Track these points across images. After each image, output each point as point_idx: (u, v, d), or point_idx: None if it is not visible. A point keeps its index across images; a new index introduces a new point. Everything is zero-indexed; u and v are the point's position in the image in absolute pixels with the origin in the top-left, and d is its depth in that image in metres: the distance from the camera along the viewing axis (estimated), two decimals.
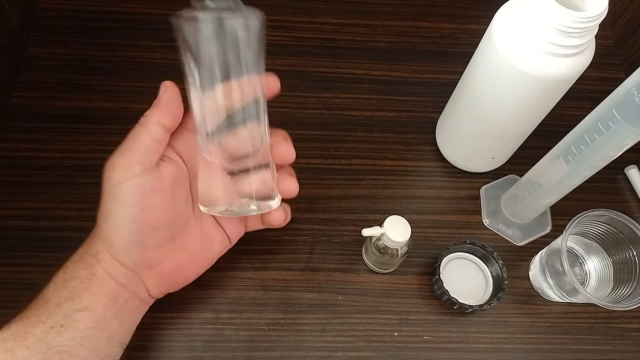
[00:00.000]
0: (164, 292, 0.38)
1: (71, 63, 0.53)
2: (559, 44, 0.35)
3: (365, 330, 0.44)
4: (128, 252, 0.34)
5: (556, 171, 0.40)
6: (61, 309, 0.32)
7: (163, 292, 0.38)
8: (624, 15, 0.59)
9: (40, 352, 0.31)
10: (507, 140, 0.46)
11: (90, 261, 0.34)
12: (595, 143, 0.35)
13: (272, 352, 0.43)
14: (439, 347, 0.44)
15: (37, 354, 0.31)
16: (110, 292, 0.34)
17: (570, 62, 0.36)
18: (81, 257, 0.34)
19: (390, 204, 0.50)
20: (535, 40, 0.35)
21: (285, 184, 0.38)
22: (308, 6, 0.59)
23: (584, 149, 0.36)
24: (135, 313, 0.37)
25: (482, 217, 0.50)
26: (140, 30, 0.56)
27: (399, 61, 0.57)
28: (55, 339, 0.32)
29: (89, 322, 0.33)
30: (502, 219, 0.50)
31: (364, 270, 0.47)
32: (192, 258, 0.38)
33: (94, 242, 0.35)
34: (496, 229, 0.49)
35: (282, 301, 0.45)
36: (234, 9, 0.32)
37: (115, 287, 0.34)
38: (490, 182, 0.51)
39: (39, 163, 0.48)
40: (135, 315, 0.37)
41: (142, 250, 0.35)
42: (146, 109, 0.35)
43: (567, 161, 0.38)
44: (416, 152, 0.52)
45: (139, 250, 0.35)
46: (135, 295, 0.36)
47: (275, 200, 0.38)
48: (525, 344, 0.45)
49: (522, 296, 0.47)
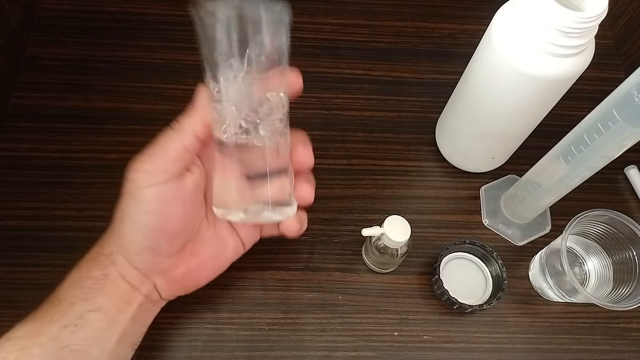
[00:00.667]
0: (175, 295, 0.39)
1: (71, 63, 0.53)
2: (559, 44, 0.35)
3: (365, 330, 0.44)
4: (141, 256, 0.34)
5: (556, 171, 0.40)
6: (74, 309, 0.33)
7: (174, 295, 0.38)
8: (624, 15, 0.59)
9: (54, 351, 0.31)
10: (506, 140, 0.46)
11: (104, 262, 0.34)
12: (595, 143, 0.35)
13: (272, 352, 0.43)
14: (439, 347, 0.44)
15: (50, 352, 0.31)
16: (123, 294, 0.34)
17: (569, 62, 0.36)
18: (95, 257, 0.34)
19: (390, 204, 0.50)
20: (534, 41, 0.36)
21: (302, 191, 0.36)
22: (308, 6, 0.59)
23: (583, 149, 0.36)
24: (146, 314, 0.37)
25: (482, 217, 0.50)
26: (140, 30, 0.56)
27: (398, 61, 0.57)
28: (68, 338, 0.32)
29: (102, 323, 0.33)
30: (501, 219, 0.50)
31: (364, 270, 0.47)
32: (204, 263, 0.38)
33: (108, 242, 0.35)
34: (496, 229, 0.49)
35: (282, 301, 0.45)
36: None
37: (127, 289, 0.34)
38: (490, 182, 0.51)
39: (39, 163, 0.48)
40: (146, 316, 0.37)
41: (155, 256, 0.35)
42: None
43: (566, 161, 0.38)
44: (416, 152, 0.52)
45: (152, 255, 0.35)
46: (147, 298, 0.36)
47: (292, 207, 0.36)
48: (525, 344, 0.45)
49: (522, 296, 0.47)
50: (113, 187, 0.48)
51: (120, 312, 0.34)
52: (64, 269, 0.44)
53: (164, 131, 0.33)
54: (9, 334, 0.32)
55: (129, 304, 0.34)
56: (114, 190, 0.48)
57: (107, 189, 0.48)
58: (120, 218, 0.34)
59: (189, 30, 0.57)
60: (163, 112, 0.52)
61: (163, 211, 0.33)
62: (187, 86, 0.53)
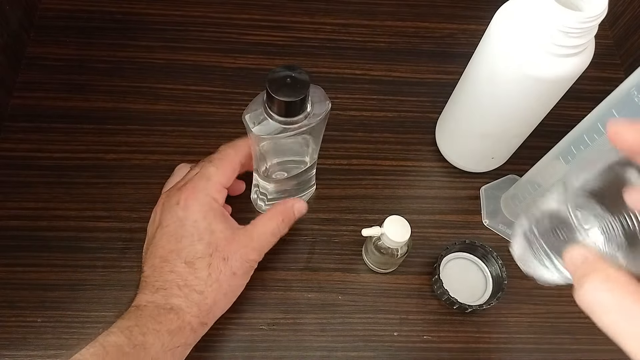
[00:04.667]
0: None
1: (71, 63, 0.53)
2: (559, 44, 0.35)
3: (365, 330, 0.44)
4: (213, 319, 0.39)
5: (556, 171, 0.40)
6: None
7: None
8: (624, 15, 0.59)
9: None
10: (506, 140, 0.47)
11: (187, 329, 0.37)
12: (595, 143, 0.35)
13: (272, 352, 0.43)
14: (439, 347, 0.44)
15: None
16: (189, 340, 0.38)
17: (569, 62, 0.36)
18: (181, 328, 0.36)
19: (390, 204, 0.50)
20: (534, 41, 0.36)
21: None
22: (308, 6, 0.59)
23: (583, 149, 0.36)
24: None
25: (482, 217, 0.50)
26: (140, 30, 0.56)
27: (398, 61, 0.57)
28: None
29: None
30: (502, 219, 0.49)
31: (363, 270, 0.47)
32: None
33: (187, 310, 0.37)
34: (496, 229, 0.49)
35: (282, 301, 0.45)
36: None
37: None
38: (490, 182, 0.51)
39: (39, 163, 0.48)
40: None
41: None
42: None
43: (566, 161, 0.38)
44: (416, 152, 0.52)
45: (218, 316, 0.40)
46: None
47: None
48: (525, 344, 0.45)
49: (522, 296, 0.47)
50: (113, 187, 0.48)
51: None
52: (64, 269, 0.44)
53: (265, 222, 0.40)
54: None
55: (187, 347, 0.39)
56: (114, 190, 0.48)
57: (107, 189, 0.48)
58: (225, 293, 0.39)
59: (189, 30, 0.57)
60: (163, 112, 0.52)
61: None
62: (187, 86, 0.54)
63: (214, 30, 0.56)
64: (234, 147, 0.42)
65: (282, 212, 0.41)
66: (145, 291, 0.37)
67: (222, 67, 0.55)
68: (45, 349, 0.41)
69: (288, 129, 0.35)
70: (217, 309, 0.39)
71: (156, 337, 0.34)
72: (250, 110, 0.36)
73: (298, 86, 0.33)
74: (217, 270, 0.38)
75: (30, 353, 0.41)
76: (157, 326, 0.35)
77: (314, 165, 0.44)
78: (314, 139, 0.40)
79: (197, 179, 0.40)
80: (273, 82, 0.33)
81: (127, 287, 0.44)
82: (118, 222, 0.46)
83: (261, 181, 0.43)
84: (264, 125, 0.35)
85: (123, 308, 0.37)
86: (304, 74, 0.34)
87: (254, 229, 0.40)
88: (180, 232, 0.38)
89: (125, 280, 0.44)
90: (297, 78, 0.33)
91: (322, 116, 0.36)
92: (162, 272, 0.37)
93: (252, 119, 0.35)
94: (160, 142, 0.50)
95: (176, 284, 0.36)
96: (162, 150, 0.50)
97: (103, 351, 0.32)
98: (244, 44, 0.56)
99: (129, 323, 0.34)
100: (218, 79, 0.54)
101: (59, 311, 0.43)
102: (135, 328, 0.34)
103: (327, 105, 0.36)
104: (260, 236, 0.40)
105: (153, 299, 0.36)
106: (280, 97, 0.33)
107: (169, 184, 0.43)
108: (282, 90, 0.33)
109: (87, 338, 0.42)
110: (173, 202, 0.39)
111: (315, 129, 0.37)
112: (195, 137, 0.51)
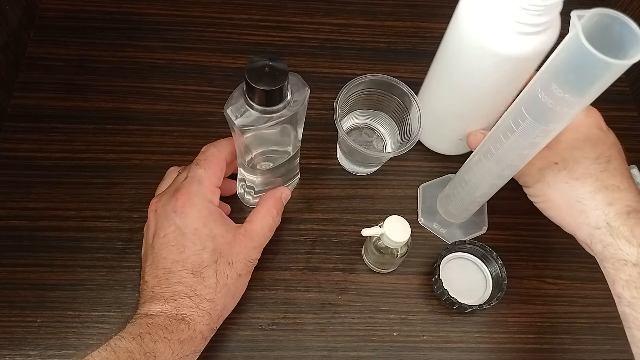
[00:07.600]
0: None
1: (71, 63, 0.53)
2: (522, 21, 0.35)
3: (365, 330, 0.44)
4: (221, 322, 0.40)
5: (478, 169, 0.40)
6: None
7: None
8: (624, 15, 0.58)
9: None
10: (476, 120, 0.46)
11: (198, 338, 0.37)
12: (509, 141, 0.35)
13: (272, 352, 0.43)
14: (439, 347, 0.44)
15: None
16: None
17: (535, 39, 0.36)
18: (192, 337, 0.36)
19: (390, 204, 0.50)
20: (499, 19, 0.36)
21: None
22: (308, 7, 0.59)
23: (500, 148, 0.36)
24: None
25: (417, 215, 0.49)
26: (140, 30, 0.56)
27: (398, 61, 0.57)
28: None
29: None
30: (438, 218, 0.49)
31: (363, 270, 0.47)
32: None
33: (199, 320, 0.37)
34: (430, 228, 0.49)
35: (282, 301, 0.45)
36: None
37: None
38: (429, 181, 0.51)
39: (39, 163, 0.48)
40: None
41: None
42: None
43: (487, 160, 0.38)
44: (416, 152, 0.52)
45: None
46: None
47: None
48: (525, 344, 0.45)
49: (522, 296, 0.47)
50: (113, 187, 0.48)
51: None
52: (64, 269, 0.44)
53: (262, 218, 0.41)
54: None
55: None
56: (114, 190, 0.48)
57: (107, 189, 0.48)
58: (233, 295, 0.39)
59: (188, 30, 0.57)
60: (163, 112, 0.52)
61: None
62: (187, 86, 0.54)
63: (214, 30, 0.56)
64: (217, 146, 0.42)
65: (274, 205, 0.42)
66: (154, 301, 0.36)
67: (222, 67, 0.55)
68: (45, 349, 0.41)
69: (270, 118, 0.35)
70: (226, 312, 0.39)
71: (167, 346, 0.34)
72: (230, 104, 0.35)
73: (277, 74, 0.33)
74: (224, 276, 0.38)
75: (30, 353, 0.41)
76: (169, 335, 0.35)
77: (297, 154, 0.44)
78: (297, 126, 0.39)
79: (188, 184, 0.39)
80: (252, 72, 0.33)
81: (127, 287, 0.44)
82: (118, 222, 0.46)
83: (247, 175, 0.43)
84: (246, 117, 0.35)
85: (123, 308, 0.37)
86: (281, 62, 0.33)
87: (253, 227, 0.40)
88: (181, 242, 0.37)
89: (125, 280, 0.44)
90: (274, 67, 0.33)
91: (303, 102, 0.36)
92: (169, 283, 0.37)
93: (234, 112, 0.35)
94: (161, 142, 0.50)
95: (186, 295, 0.36)
96: (162, 151, 0.50)
97: (114, 355, 0.32)
98: (244, 44, 0.56)
99: (140, 330, 0.34)
100: (218, 79, 0.54)
101: (59, 311, 0.43)
102: (147, 336, 0.34)
103: (306, 91, 0.36)
104: (259, 234, 0.40)
105: (164, 309, 0.36)
106: (260, 86, 0.33)
107: (160, 188, 0.43)
108: (261, 79, 0.33)
109: (87, 338, 0.42)
110: (169, 210, 0.38)
111: (296, 116, 0.37)
112: (195, 137, 0.51)
